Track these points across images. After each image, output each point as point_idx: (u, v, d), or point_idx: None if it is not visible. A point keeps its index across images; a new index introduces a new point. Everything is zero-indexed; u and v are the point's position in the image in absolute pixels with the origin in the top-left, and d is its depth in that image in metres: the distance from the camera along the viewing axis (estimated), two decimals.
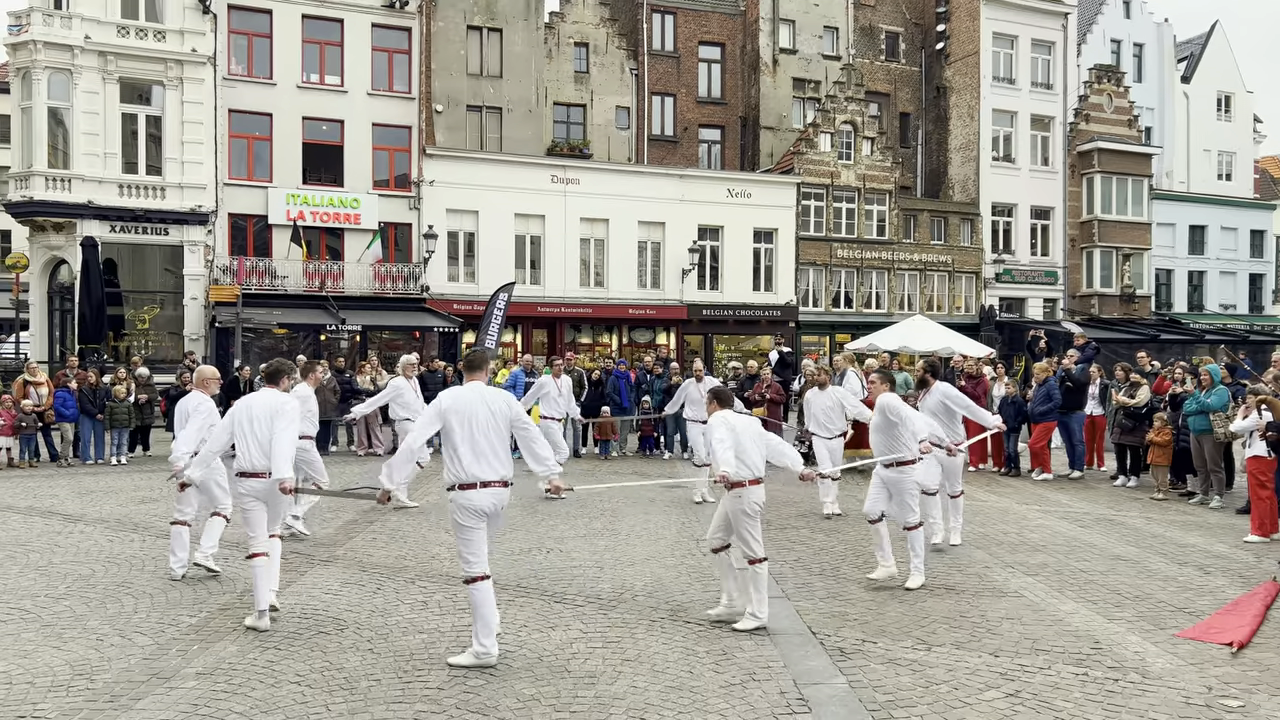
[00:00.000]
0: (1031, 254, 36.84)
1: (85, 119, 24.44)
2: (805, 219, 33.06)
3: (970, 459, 15.01)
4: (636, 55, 33.85)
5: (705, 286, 31.56)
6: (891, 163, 34.59)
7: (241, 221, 26.62)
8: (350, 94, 27.44)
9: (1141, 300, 37.33)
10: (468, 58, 30.88)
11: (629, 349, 30.01)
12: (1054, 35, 37.12)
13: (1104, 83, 37.40)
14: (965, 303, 35.53)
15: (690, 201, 31.06)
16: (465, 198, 28.43)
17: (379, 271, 27.22)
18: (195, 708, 5.03)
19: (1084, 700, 5.26)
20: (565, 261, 29.80)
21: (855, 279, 33.92)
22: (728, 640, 6.23)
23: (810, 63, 36.04)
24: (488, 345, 23.67)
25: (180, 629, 6.38)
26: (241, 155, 26.70)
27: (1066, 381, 14.46)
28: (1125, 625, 6.68)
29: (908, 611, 6.97)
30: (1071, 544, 9.48)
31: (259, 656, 5.83)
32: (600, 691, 5.32)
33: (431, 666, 5.69)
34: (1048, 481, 13.95)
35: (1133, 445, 13.67)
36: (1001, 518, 10.97)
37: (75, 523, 10.21)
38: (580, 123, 33.25)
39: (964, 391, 14.91)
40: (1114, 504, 12.11)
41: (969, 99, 36.27)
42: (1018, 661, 5.88)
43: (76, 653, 5.88)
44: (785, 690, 5.37)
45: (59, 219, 24.49)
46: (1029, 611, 6.99)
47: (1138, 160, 37.34)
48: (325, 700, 5.16)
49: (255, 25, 26.87)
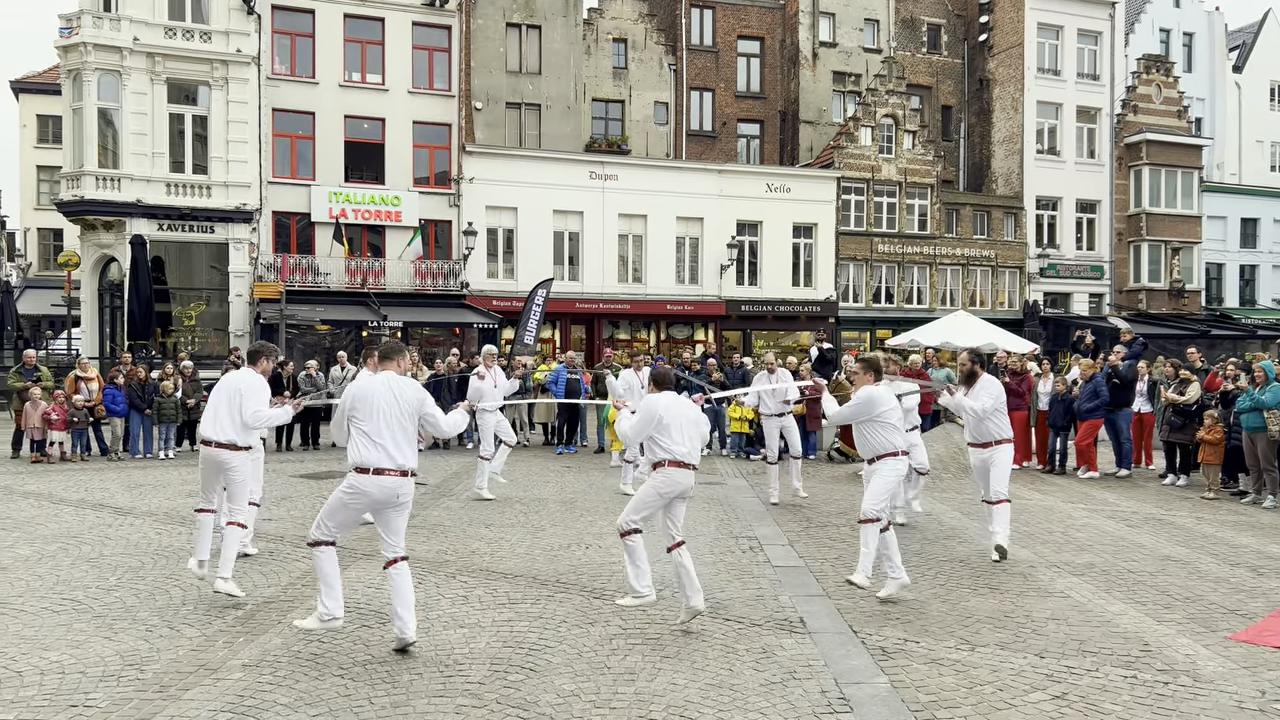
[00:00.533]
0: (1077, 248, 36.22)
1: (134, 119, 24.92)
2: (845, 213, 32.79)
3: (1015, 457, 14.83)
4: (675, 50, 33.78)
5: (744, 282, 31.43)
6: (933, 156, 34.19)
7: (285, 219, 26.99)
8: (391, 92, 27.68)
9: (1191, 295, 36.55)
10: (507, 55, 31.03)
11: (667, 345, 29.99)
12: (1101, 25, 36.43)
13: (1153, 73, 36.64)
14: (1009, 298, 35.03)
15: (729, 197, 30.93)
16: (504, 194, 28.57)
17: (419, 268, 27.45)
18: (241, 699, 5.11)
19: (1133, 703, 5.16)
20: (603, 257, 29.83)
21: (896, 274, 33.58)
22: (768, 638, 6.19)
23: (850, 56, 35.72)
24: (526, 341, 23.78)
25: (226, 621, 6.48)
26: (285, 154, 27.06)
27: (1114, 378, 14.19)
28: (1175, 627, 6.53)
29: (950, 611, 6.88)
30: (1119, 544, 9.31)
31: (303, 649, 5.90)
32: (640, 688, 5.31)
33: (473, 661, 5.72)
34: (1094, 480, 13.71)
35: (1182, 443, 13.39)
36: (1046, 516, 10.80)
37: (125, 516, 10.41)
38: (619, 118, 33.27)
39: (1008, 389, 14.79)
40: (1163, 503, 11.86)
41: (1013, 91, 35.73)
42: (1064, 663, 5.78)
43: (127, 643, 5.99)
44: (826, 689, 5.33)
45: (109, 217, 25.01)
46: (1075, 612, 6.87)
47: (1187, 152, 36.55)
48: (368, 693, 5.21)
49: (298, 25, 27.21)
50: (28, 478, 13.26)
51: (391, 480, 5.78)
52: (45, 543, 8.92)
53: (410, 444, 5.89)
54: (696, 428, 6.60)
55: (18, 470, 14.06)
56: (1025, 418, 14.79)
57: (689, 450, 6.47)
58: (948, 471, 13.69)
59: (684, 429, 6.50)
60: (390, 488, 5.80)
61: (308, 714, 4.92)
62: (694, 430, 6.57)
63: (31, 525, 9.77)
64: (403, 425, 5.84)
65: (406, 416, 5.86)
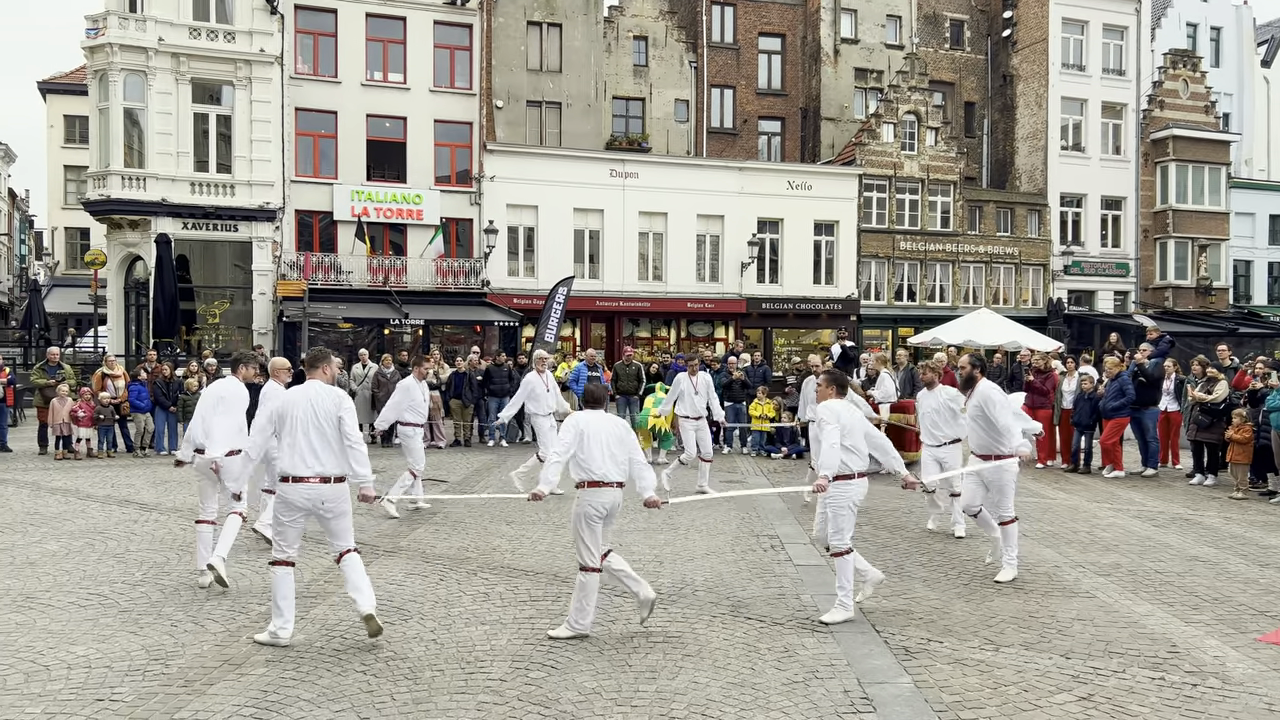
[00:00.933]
0: (1102, 245, 35.84)
1: (159, 119, 25.13)
2: (867, 211, 32.61)
3: (1038, 456, 14.70)
4: (696, 48, 33.71)
5: (765, 280, 31.33)
6: (956, 153, 33.94)
7: (308, 218, 27.15)
8: (413, 91, 27.78)
9: (1219, 292, 36.08)
10: (528, 53, 31.07)
11: (687, 343, 29.95)
12: (1127, 20, 36.02)
13: (1180, 68, 36.18)
14: (1032, 296, 34.72)
15: (750, 194, 30.83)
16: (525, 193, 28.61)
17: (441, 266, 27.54)
18: (264, 694, 5.14)
19: (1160, 705, 5.10)
20: (624, 255, 29.82)
21: (918, 272, 33.37)
22: (790, 637, 6.17)
23: (873, 52, 35.51)
24: (547, 339, 23.82)
25: (250, 616, 6.52)
26: (308, 153, 27.21)
27: (1140, 376, 14.03)
28: (1204, 628, 6.45)
29: (974, 611, 6.83)
30: (1145, 544, 9.20)
31: (326, 645, 5.94)
32: (661, 686, 5.30)
33: (494, 658, 5.73)
34: (1120, 479, 13.57)
35: (1210, 442, 13.23)
36: (1071, 516, 10.69)
37: (150, 511, 10.51)
38: (639, 116, 33.25)
39: (1032, 387, 14.68)
40: (1190, 503, 11.73)
41: (1037, 87, 35.40)
42: (1090, 664, 5.72)
43: (152, 638, 6.05)
44: (849, 689, 5.30)
45: (134, 216, 25.23)
46: (1101, 613, 6.80)
47: (1215, 148, 36.08)
48: (390, 690, 5.23)
49: (321, 24, 27.35)
50: (55, 474, 13.42)
51: (308, 488, 5.88)
52: (72, 538, 9.02)
53: (330, 451, 5.92)
54: (622, 446, 6.30)
55: (45, 467, 14.23)
56: (1049, 416, 14.66)
57: (608, 470, 6.17)
58: None
59: (607, 446, 6.21)
60: (312, 495, 5.90)
61: (330, 709, 4.95)
62: (619, 449, 6.27)
63: (59, 521, 9.88)
64: (321, 433, 5.90)
65: (326, 424, 5.92)
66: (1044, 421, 14.64)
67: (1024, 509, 11.04)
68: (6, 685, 5.22)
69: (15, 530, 9.35)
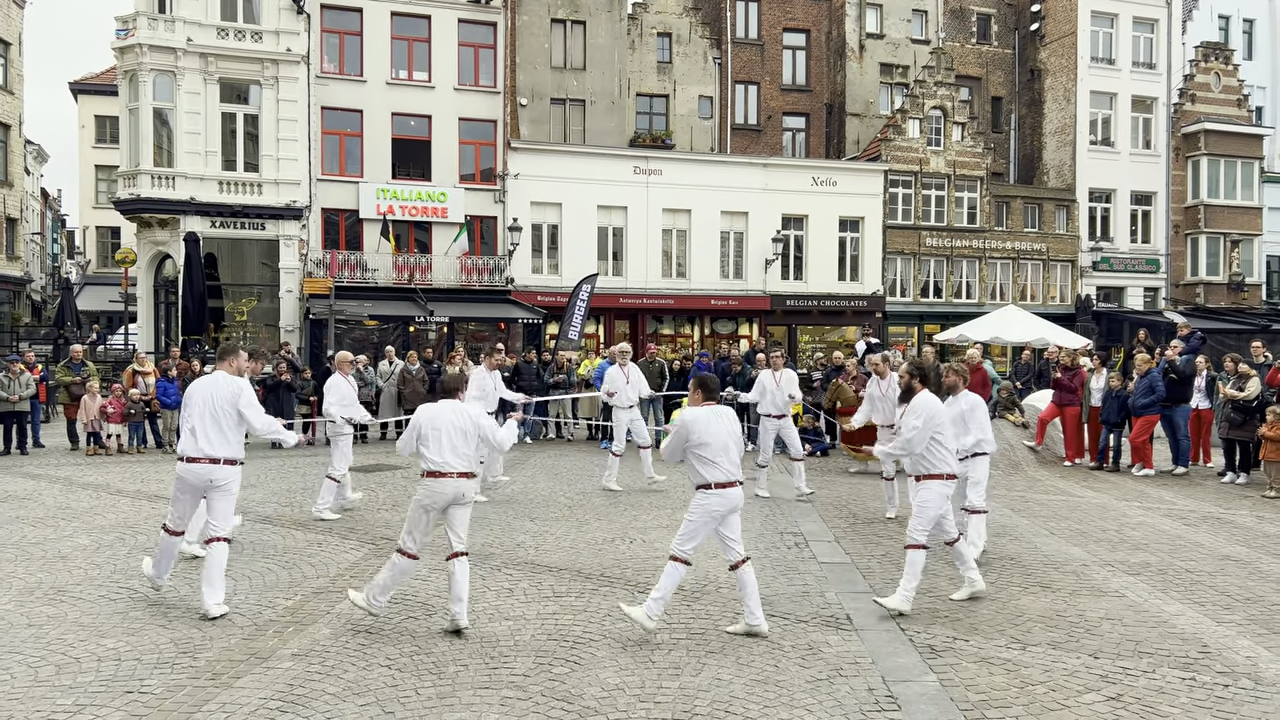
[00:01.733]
0: (1131, 241, 35.40)
1: (188, 119, 25.39)
2: (893, 207, 32.40)
3: (1066, 453, 14.57)
4: (719, 44, 33.62)
5: (789, 277, 31.20)
6: (983, 148, 33.63)
7: (334, 216, 27.35)
8: (437, 89, 27.90)
9: (1251, 289, 35.55)
10: (551, 51, 31.12)
11: (711, 340, 29.90)
12: (1157, 12, 35.54)
13: (1211, 61, 35.66)
14: (1060, 292, 34.37)
15: (774, 190, 30.71)
16: (549, 190, 28.66)
17: (465, 264, 27.65)
18: (290, 688, 5.18)
19: (1191, 706, 5.03)
20: (647, 252, 29.80)
21: (945, 268, 33.11)
22: (814, 635, 6.14)
23: (898, 47, 35.27)
24: (570, 336, 23.84)
25: (276, 611, 6.58)
26: (334, 151, 27.41)
27: (1170, 373, 13.84)
28: (1236, 628, 6.36)
29: (1001, 610, 6.76)
30: (1176, 543, 9.08)
31: (351, 640, 5.97)
32: (684, 683, 5.29)
33: (518, 653, 5.74)
34: (1149, 477, 13.40)
35: (1242, 440, 13.03)
36: (1100, 514, 10.57)
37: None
38: (663, 113, 33.21)
39: (1060, 384, 14.51)
40: (1222, 501, 11.56)
41: (1065, 81, 35.01)
42: (1119, 664, 5.65)
43: (180, 631, 6.11)
44: (874, 687, 5.26)
45: (164, 215, 25.52)
46: (1130, 612, 6.71)
47: (1247, 142, 35.53)
48: (414, 684, 5.25)
49: (346, 23, 27.52)
50: (86, 469, 13.60)
51: (199, 467, 6.46)
52: (103, 532, 9.13)
53: (222, 435, 6.49)
54: (464, 436, 6.25)
55: (76, 462, 14.42)
56: (1077, 414, 14.51)
57: (445, 460, 6.15)
58: (997, 468, 13.45)
59: (448, 437, 6.19)
60: (199, 474, 6.49)
61: (355, 704, 4.98)
62: (460, 439, 6.23)
63: (90, 515, 10.01)
64: (214, 418, 6.49)
65: (220, 411, 6.49)
66: (1071, 419, 14.50)
67: (1051, 507, 10.95)
68: (38, 677, 5.30)
69: (47, 525, 9.49)
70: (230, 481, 6.56)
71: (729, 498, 6.12)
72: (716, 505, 6.10)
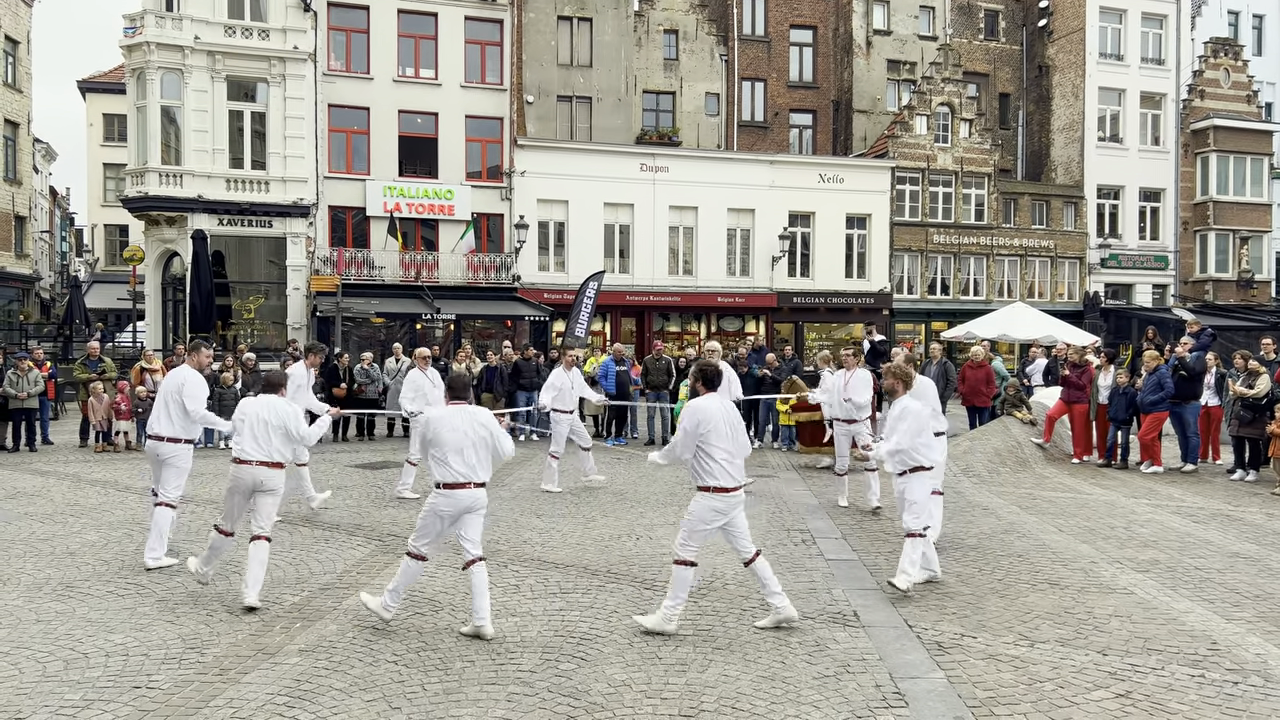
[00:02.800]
0: (1140, 238, 35.28)
1: (195, 117, 25.45)
2: (900, 204, 32.34)
3: (1075, 451, 14.51)
4: (726, 41, 33.57)
5: (796, 274, 31.17)
6: (990, 145, 33.54)
7: (341, 214, 27.39)
8: (444, 87, 27.92)
9: (1261, 286, 35.39)
10: (558, 48, 31.11)
11: (718, 337, 29.87)
12: (1166, 8, 35.38)
13: (1221, 57, 35.49)
14: (1068, 289, 34.26)
15: (781, 187, 30.68)
16: (555, 187, 28.67)
17: (472, 261, 27.68)
18: (298, 683, 5.18)
19: (1200, 703, 5.00)
20: (654, 250, 29.80)
21: (952, 265, 33.03)
22: (821, 631, 6.12)
23: (905, 44, 35.17)
24: (577, 334, 23.84)
25: (284, 606, 6.59)
26: (340, 149, 27.46)
27: (1180, 370, 13.78)
28: (1245, 626, 6.33)
29: (1009, 606, 6.74)
30: (1185, 540, 9.04)
31: (358, 636, 5.98)
32: (691, 679, 5.29)
33: (524, 649, 5.74)
34: (1158, 475, 13.34)
35: (1252, 438, 12.97)
36: (1108, 511, 10.53)
37: (187, 503, 10.63)
38: (670, 110, 33.18)
39: (1067, 381, 14.47)
40: (1231, 499, 11.51)
41: (1073, 77, 34.88)
42: (1128, 661, 5.63)
43: (188, 627, 6.13)
44: (881, 684, 5.25)
45: (171, 213, 25.60)
46: (1139, 609, 6.69)
47: (1257, 138, 35.36)
48: (421, 680, 5.26)
49: (353, 21, 27.56)
50: (95, 466, 13.65)
51: (154, 444, 7.95)
52: (111, 529, 9.17)
53: (169, 417, 7.88)
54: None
55: (85, 459, 14.47)
56: (1085, 411, 14.45)
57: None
58: (1005, 465, 13.42)
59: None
60: (150, 448, 8.06)
61: (362, 699, 4.98)
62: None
63: (98, 511, 10.05)
64: (164, 403, 7.97)
65: (170, 399, 7.92)
66: (1080, 416, 14.44)
67: (1059, 504, 10.92)
68: (47, 672, 5.32)
69: (56, 521, 9.53)
70: (181, 459, 7.93)
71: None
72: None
